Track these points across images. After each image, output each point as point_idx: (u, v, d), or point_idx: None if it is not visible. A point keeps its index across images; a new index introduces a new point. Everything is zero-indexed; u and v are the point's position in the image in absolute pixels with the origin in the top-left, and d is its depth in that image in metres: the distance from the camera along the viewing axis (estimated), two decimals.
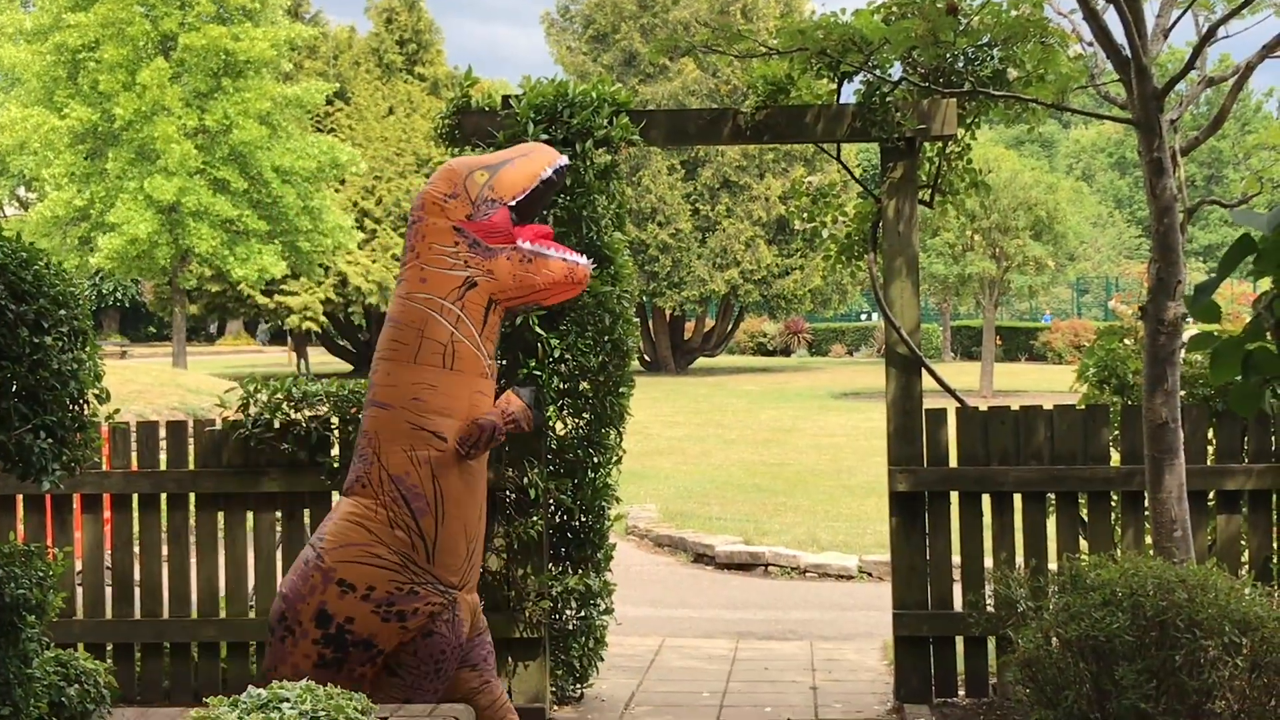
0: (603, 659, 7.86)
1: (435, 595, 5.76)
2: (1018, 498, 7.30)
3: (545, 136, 7.11)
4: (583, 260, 5.98)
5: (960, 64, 7.36)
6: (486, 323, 5.81)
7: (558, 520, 7.63)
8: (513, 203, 5.84)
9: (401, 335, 5.78)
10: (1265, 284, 2.83)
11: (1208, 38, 6.52)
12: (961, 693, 7.35)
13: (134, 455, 7.54)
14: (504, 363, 7.30)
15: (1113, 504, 7.31)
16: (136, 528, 7.57)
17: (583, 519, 7.64)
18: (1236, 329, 2.99)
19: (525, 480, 7.20)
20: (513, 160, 5.95)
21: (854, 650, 8.89)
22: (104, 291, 61.65)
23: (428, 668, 5.76)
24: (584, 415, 7.56)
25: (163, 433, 7.60)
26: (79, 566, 7.74)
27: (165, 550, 7.59)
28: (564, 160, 6.05)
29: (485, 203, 5.81)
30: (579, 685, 7.73)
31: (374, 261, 42.32)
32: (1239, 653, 5.22)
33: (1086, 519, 7.29)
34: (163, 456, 7.59)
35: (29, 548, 5.46)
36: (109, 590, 7.59)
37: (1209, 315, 2.78)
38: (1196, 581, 5.37)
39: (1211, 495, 7.25)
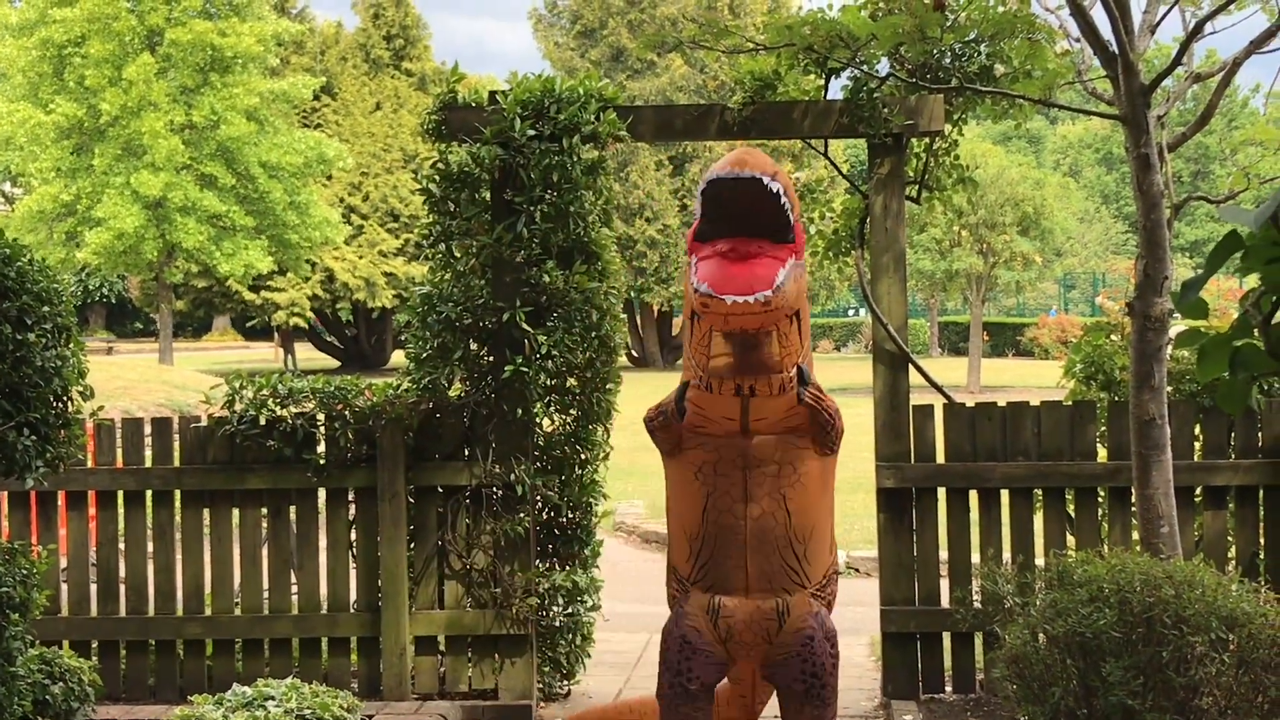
0: (590, 655, 7.84)
1: (675, 584, 6.10)
2: (1005, 494, 7.30)
3: (532, 132, 7.09)
4: (704, 288, 5.11)
5: (947, 60, 7.36)
6: (693, 335, 5.50)
7: (545, 517, 7.62)
8: (699, 214, 5.36)
9: None
10: (1252, 280, 2.82)
11: (1195, 33, 6.52)
12: (948, 689, 7.34)
13: (119, 452, 7.50)
14: (491, 359, 7.28)
15: (1100, 500, 7.31)
16: (121, 525, 7.54)
17: (570, 515, 7.63)
18: (1222, 325, 2.98)
19: (512, 476, 7.19)
20: None
21: (841, 646, 8.85)
22: (90, 287, 61.49)
23: (666, 654, 6.02)
24: (571, 411, 7.55)
25: (148, 429, 7.57)
26: (64, 564, 7.72)
27: (150, 547, 7.56)
28: (725, 172, 5.13)
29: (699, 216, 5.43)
30: (566, 682, 7.72)
31: (361, 257, 42.26)
32: (1226, 649, 5.22)
33: (1073, 515, 7.30)
34: (148, 453, 7.56)
35: (12, 545, 5.44)
36: (94, 587, 7.56)
37: (1197, 311, 2.77)
38: (1184, 578, 5.37)
39: (1198, 491, 7.26)
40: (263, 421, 7.36)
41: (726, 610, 5.81)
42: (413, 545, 7.39)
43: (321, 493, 7.49)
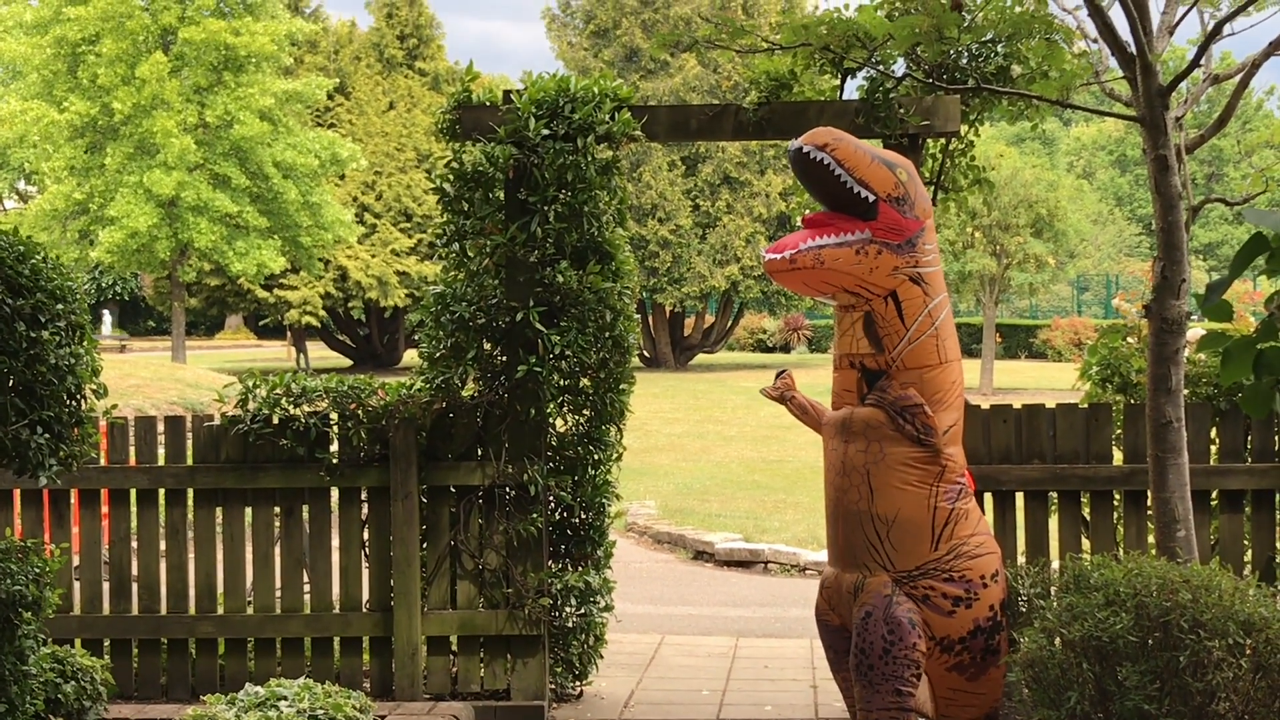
0: (602, 656, 7.83)
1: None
2: (1020, 496, 7.26)
3: (546, 132, 7.07)
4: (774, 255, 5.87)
5: (964, 60, 7.33)
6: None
7: (558, 517, 7.61)
8: None
9: None
10: (1269, 285, 2.80)
11: (1214, 34, 6.48)
12: None
13: (132, 450, 7.50)
14: (504, 359, 7.27)
15: (1115, 503, 7.27)
16: (134, 523, 7.53)
17: (583, 516, 7.62)
18: (1240, 328, 2.96)
19: (525, 477, 7.17)
20: None
21: None
22: (103, 285, 61.59)
23: None
24: (584, 412, 7.54)
25: (161, 428, 7.56)
26: (76, 562, 7.71)
27: (163, 546, 7.56)
28: (790, 144, 5.98)
29: None
30: (578, 683, 7.70)
31: (374, 256, 42.25)
32: (1243, 654, 5.18)
33: (1089, 518, 7.26)
34: (161, 451, 7.56)
35: (25, 544, 5.44)
36: (106, 586, 7.55)
37: (1221, 314, 2.75)
38: (1200, 582, 5.34)
39: (1215, 495, 7.22)
40: (276, 420, 7.35)
41: (828, 581, 6.29)
42: (425, 545, 7.37)
43: (334, 492, 7.48)
